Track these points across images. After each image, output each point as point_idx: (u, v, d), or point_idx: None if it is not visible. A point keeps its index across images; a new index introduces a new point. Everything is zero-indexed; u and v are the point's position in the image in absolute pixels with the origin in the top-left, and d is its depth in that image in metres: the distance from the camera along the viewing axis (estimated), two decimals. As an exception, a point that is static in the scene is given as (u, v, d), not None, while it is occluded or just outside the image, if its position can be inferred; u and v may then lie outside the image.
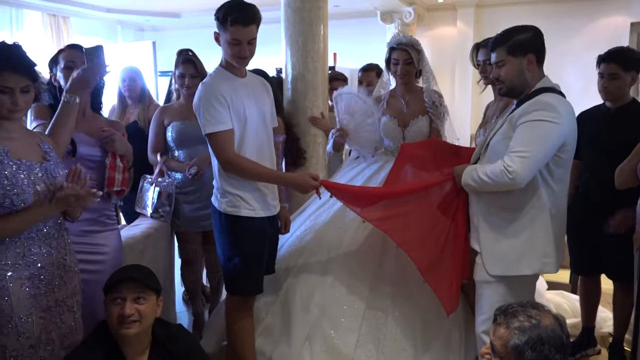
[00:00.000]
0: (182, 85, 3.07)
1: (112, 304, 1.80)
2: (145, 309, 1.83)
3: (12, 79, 1.73)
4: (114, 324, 1.79)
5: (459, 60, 7.38)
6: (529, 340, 1.51)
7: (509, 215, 2.07)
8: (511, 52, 2.06)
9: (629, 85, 2.64)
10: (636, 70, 2.63)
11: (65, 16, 7.63)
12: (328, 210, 2.86)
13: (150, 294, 1.86)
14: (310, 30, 3.69)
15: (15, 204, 1.72)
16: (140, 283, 1.85)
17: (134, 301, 1.81)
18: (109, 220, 2.36)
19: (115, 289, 1.82)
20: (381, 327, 2.50)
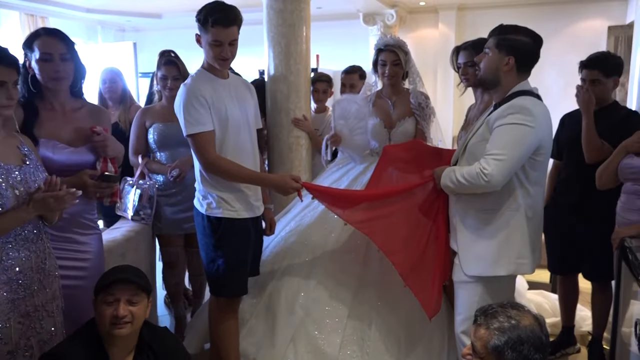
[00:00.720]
0: (164, 87, 3.04)
1: (105, 305, 1.77)
2: (138, 311, 1.81)
3: (5, 73, 1.71)
4: (106, 324, 1.76)
5: (441, 62, 7.44)
6: (509, 340, 1.53)
7: (485, 216, 2.09)
8: (497, 46, 2.08)
9: (611, 90, 2.70)
10: (617, 74, 2.68)
11: (43, 16, 7.52)
12: (313, 212, 2.86)
13: (143, 296, 1.85)
14: (292, 32, 3.69)
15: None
16: (134, 284, 1.82)
17: (127, 302, 1.79)
18: (91, 223, 2.28)
19: (108, 290, 1.78)
20: (365, 328, 2.51)
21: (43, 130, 2.07)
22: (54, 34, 2.11)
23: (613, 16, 6.71)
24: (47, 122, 2.10)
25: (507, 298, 2.02)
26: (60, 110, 2.15)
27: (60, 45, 2.08)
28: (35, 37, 2.10)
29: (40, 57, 2.06)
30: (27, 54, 2.11)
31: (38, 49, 2.07)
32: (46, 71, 2.06)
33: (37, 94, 2.12)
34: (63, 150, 2.10)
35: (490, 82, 2.11)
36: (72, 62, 2.12)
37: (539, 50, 2.10)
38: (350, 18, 7.54)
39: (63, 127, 2.14)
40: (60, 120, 2.15)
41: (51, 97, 2.14)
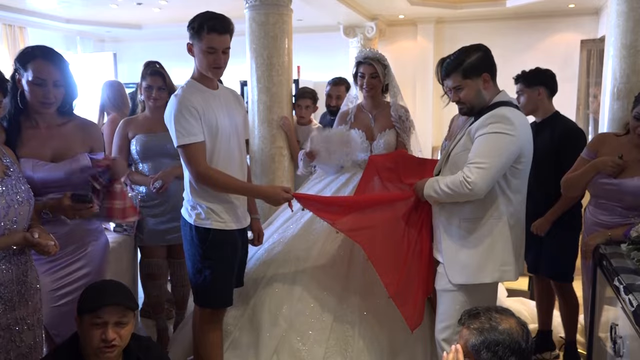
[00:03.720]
0: (149, 98, 3.03)
1: (93, 328, 1.74)
2: (125, 333, 1.79)
3: None
4: (93, 347, 1.74)
5: (420, 74, 7.57)
6: (485, 340, 1.58)
7: (468, 225, 2.13)
8: (466, 76, 2.14)
9: (540, 100, 2.88)
10: (540, 84, 2.88)
11: (22, 26, 7.44)
12: (296, 223, 2.88)
13: (130, 315, 1.83)
14: (274, 44, 3.74)
15: (-26, 221, 1.67)
16: (122, 307, 1.80)
17: (116, 325, 1.77)
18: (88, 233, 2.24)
19: (96, 313, 1.75)
20: (349, 340, 2.52)
21: (24, 149, 2.03)
22: (50, 59, 2.04)
23: (585, 30, 6.91)
24: (29, 141, 2.07)
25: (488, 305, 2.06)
26: (43, 127, 2.12)
27: (54, 72, 2.03)
28: (30, 58, 2.03)
29: (33, 81, 2.02)
30: (19, 70, 2.06)
31: (32, 72, 2.01)
32: (36, 95, 2.03)
33: (23, 110, 2.08)
34: (43, 167, 2.06)
35: (478, 106, 2.16)
36: (64, 87, 2.09)
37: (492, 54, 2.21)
38: (330, 30, 7.63)
39: (45, 144, 2.10)
40: (42, 137, 2.11)
41: (36, 115, 2.11)
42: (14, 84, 2.05)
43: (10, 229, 1.76)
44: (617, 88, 3.06)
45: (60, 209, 2.00)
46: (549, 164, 2.72)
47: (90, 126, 2.31)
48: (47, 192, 2.04)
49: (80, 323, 1.79)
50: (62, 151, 2.13)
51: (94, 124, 2.40)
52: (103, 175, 2.20)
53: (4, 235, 1.74)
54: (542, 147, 2.71)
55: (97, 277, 2.23)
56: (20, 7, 6.88)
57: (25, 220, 1.82)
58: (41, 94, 2.03)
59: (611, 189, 2.38)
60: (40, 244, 1.76)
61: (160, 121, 3.01)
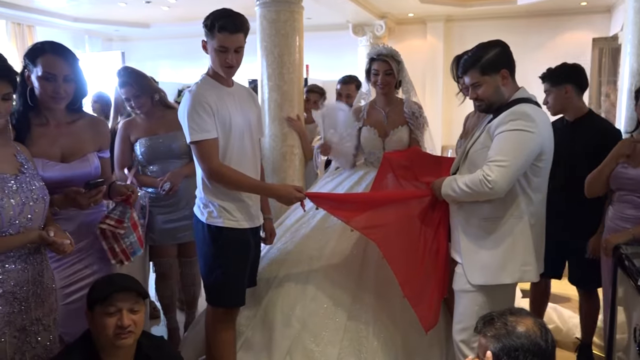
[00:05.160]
0: (132, 108, 3.01)
1: (107, 316, 1.73)
2: (139, 319, 1.78)
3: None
4: (109, 335, 1.72)
5: (429, 73, 7.53)
6: (504, 347, 1.53)
7: (488, 225, 2.09)
8: (484, 72, 2.09)
9: (567, 98, 2.75)
10: (567, 82, 2.75)
11: (30, 25, 7.46)
12: (308, 222, 2.84)
13: (142, 303, 1.82)
14: (285, 41, 3.70)
15: (-11, 219, 1.65)
16: (134, 292, 1.79)
17: (129, 311, 1.76)
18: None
19: (109, 301, 1.74)
20: (363, 340, 2.48)
21: (33, 148, 1.99)
22: (59, 54, 2.01)
23: (597, 28, 6.85)
24: (38, 139, 2.03)
25: (507, 306, 2.01)
26: (53, 125, 2.08)
27: (64, 66, 1.99)
28: (40, 53, 1.99)
29: (42, 76, 1.97)
30: (28, 66, 2.01)
31: (41, 67, 1.97)
32: (46, 90, 1.99)
33: (33, 107, 2.04)
34: (53, 167, 2.03)
35: (497, 103, 2.11)
36: (74, 82, 2.05)
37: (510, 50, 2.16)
38: (339, 29, 7.60)
39: (55, 142, 2.06)
40: (52, 134, 2.07)
41: (46, 112, 2.06)
42: (23, 80, 2.00)
43: (25, 227, 1.74)
44: (635, 86, 3.01)
45: (71, 201, 1.99)
46: (586, 166, 2.59)
47: (99, 123, 2.28)
48: (55, 192, 2.00)
49: (92, 316, 1.77)
50: (72, 150, 2.09)
51: (102, 120, 2.36)
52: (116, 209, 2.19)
53: (19, 234, 1.72)
54: (578, 149, 2.66)
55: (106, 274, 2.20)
56: (28, 5, 6.89)
57: (40, 218, 1.80)
58: (51, 89, 1.99)
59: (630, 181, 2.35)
60: (56, 243, 1.74)
61: (160, 123, 2.99)
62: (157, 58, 8.48)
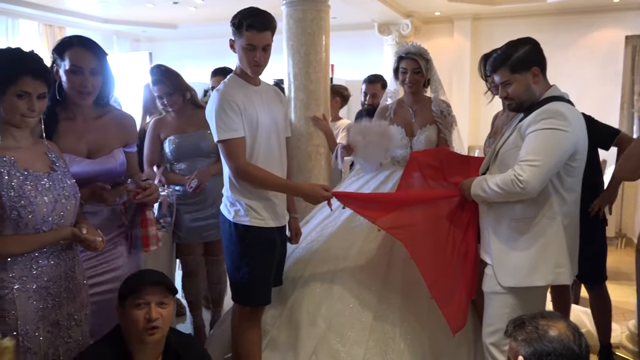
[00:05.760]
0: (164, 106, 3.04)
1: (136, 309, 1.75)
2: (167, 314, 1.80)
3: (30, 84, 1.70)
4: (139, 329, 1.74)
5: (456, 72, 7.43)
6: (535, 351, 1.49)
7: (520, 225, 2.05)
8: (515, 70, 2.06)
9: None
10: None
11: (61, 26, 7.61)
12: (335, 222, 2.83)
13: (171, 298, 1.84)
14: (312, 40, 3.69)
15: (22, 216, 1.68)
16: (162, 286, 1.81)
17: (158, 305, 1.78)
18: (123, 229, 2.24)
19: (138, 294, 1.77)
20: (389, 341, 2.46)
21: (61, 143, 2.01)
22: (86, 47, 2.02)
23: (630, 26, 6.66)
24: (66, 134, 2.05)
25: (538, 309, 1.97)
26: (80, 120, 2.09)
27: (91, 59, 2.01)
28: (67, 47, 2.01)
29: (70, 69, 1.99)
30: (56, 61, 2.04)
31: (69, 60, 1.99)
32: (74, 83, 2.00)
33: (60, 102, 2.06)
34: (80, 163, 2.04)
35: (528, 102, 2.08)
36: (102, 75, 2.06)
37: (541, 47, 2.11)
38: (365, 28, 7.55)
39: (82, 137, 2.08)
40: (79, 130, 2.08)
41: (74, 107, 2.08)
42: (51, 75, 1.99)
43: (57, 224, 1.77)
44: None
45: (97, 196, 2.02)
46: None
47: (126, 118, 2.28)
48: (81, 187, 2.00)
49: (122, 311, 1.79)
50: (98, 145, 2.10)
51: (129, 116, 2.37)
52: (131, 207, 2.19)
53: (52, 230, 1.75)
54: None
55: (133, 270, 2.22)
56: (59, 7, 7.03)
57: (72, 215, 1.83)
58: (78, 82, 2.00)
59: None
60: (88, 240, 1.76)
61: (190, 121, 3.02)
62: (183, 58, 8.55)
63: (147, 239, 2.18)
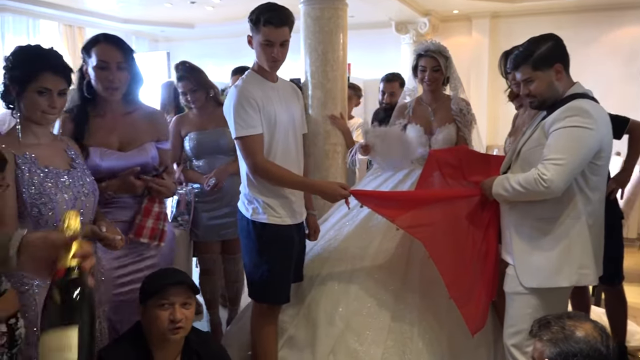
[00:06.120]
0: (187, 102, 3.06)
1: (160, 309, 1.76)
2: (190, 314, 1.82)
3: (51, 81, 1.71)
4: (163, 328, 1.76)
5: (474, 71, 7.35)
6: (561, 352, 1.46)
7: (543, 225, 2.01)
8: (537, 67, 2.02)
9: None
10: None
11: (80, 26, 7.70)
12: (352, 220, 2.81)
13: (193, 298, 1.85)
14: (329, 38, 3.68)
15: (43, 213, 1.69)
16: (185, 285, 1.82)
17: (182, 306, 1.79)
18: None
19: (163, 295, 1.77)
20: (407, 341, 2.43)
21: (92, 138, 2.05)
22: (112, 42, 2.07)
23: (654, 23, 6.54)
24: (96, 131, 2.09)
25: (561, 310, 1.94)
26: (110, 116, 2.13)
27: (117, 54, 2.05)
28: (94, 44, 2.06)
29: (97, 65, 2.03)
30: (85, 59, 2.08)
31: (95, 56, 2.03)
32: (101, 79, 2.04)
33: (90, 100, 2.10)
34: (111, 156, 2.08)
35: (551, 99, 2.04)
36: (128, 71, 2.09)
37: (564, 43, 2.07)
38: (382, 27, 7.51)
39: (112, 133, 2.11)
40: (109, 126, 2.12)
41: (103, 103, 2.12)
42: (81, 74, 2.08)
43: None
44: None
45: (127, 186, 2.04)
46: None
47: (156, 114, 2.31)
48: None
49: (145, 310, 1.79)
50: (129, 140, 2.13)
51: (159, 112, 2.39)
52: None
53: None
54: None
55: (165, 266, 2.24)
56: (79, 7, 7.11)
57: (91, 212, 1.84)
58: (105, 77, 2.03)
59: None
60: (108, 238, 1.77)
61: (210, 118, 3.03)
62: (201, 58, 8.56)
63: (141, 228, 2.13)
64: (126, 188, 2.06)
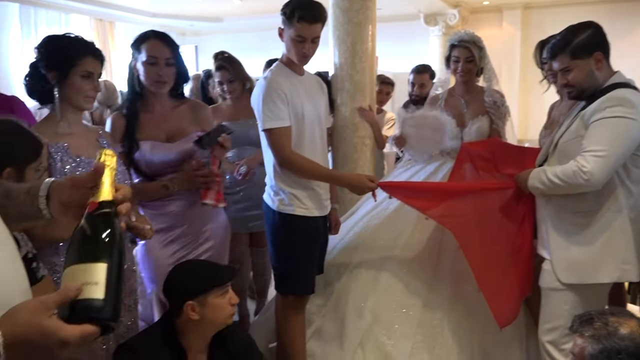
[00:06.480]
0: (223, 92, 3.07)
1: (221, 299, 1.80)
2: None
3: (93, 65, 1.77)
4: (225, 315, 1.81)
5: (505, 63, 7.21)
6: (604, 349, 1.41)
7: (582, 219, 1.95)
8: (575, 56, 1.95)
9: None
10: None
11: (111, 21, 7.81)
12: (381, 213, 2.78)
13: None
14: (358, 30, 3.63)
15: (75, 203, 1.71)
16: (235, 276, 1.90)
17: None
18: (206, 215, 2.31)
19: (224, 283, 1.82)
20: (437, 336, 2.40)
21: (143, 133, 2.12)
22: (161, 38, 2.13)
23: (693, 12, 6.31)
24: (146, 125, 2.15)
25: (600, 307, 1.88)
26: (158, 111, 2.19)
27: (166, 50, 2.11)
28: (143, 40, 2.12)
29: (147, 60, 2.09)
30: (134, 55, 2.14)
31: (145, 52, 2.09)
32: (150, 74, 2.10)
33: (140, 96, 2.17)
34: (161, 147, 2.13)
35: (590, 89, 1.97)
36: (176, 67, 2.15)
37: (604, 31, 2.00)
38: (410, 19, 7.45)
39: (160, 127, 2.18)
40: (157, 120, 2.18)
41: (152, 98, 2.18)
42: (130, 70, 2.15)
43: None
44: None
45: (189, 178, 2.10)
46: None
47: (201, 107, 2.38)
48: (166, 173, 2.13)
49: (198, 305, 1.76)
50: (175, 133, 2.19)
51: (204, 105, 2.46)
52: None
53: None
54: None
55: (219, 256, 2.32)
56: (110, 2, 7.22)
57: None
58: (154, 72, 2.09)
59: None
60: (138, 227, 1.78)
61: (242, 109, 3.03)
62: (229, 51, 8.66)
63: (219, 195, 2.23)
64: (189, 183, 2.12)
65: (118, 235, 0.86)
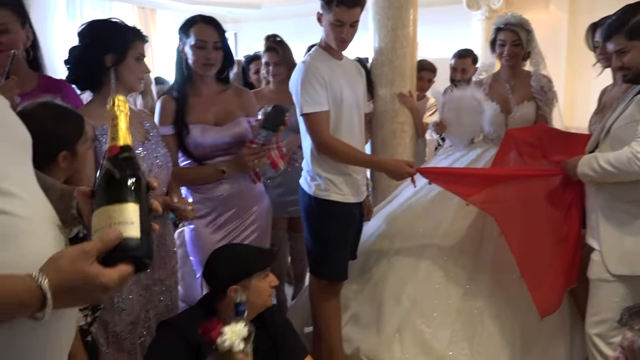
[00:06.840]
0: (267, 73, 3.07)
1: (263, 282, 1.84)
2: None
3: (142, 48, 1.83)
4: (266, 297, 1.85)
5: (551, 49, 6.92)
6: None
7: (636, 209, 1.88)
8: (632, 37, 1.87)
9: None
10: None
11: (153, 8, 7.93)
12: (420, 200, 2.74)
13: None
14: (399, 14, 3.55)
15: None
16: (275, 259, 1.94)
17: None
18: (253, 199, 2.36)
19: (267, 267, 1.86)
20: (476, 325, 2.36)
21: (191, 116, 2.16)
22: (209, 22, 2.16)
23: None
24: (195, 108, 2.19)
25: (652, 300, 1.80)
26: (206, 95, 2.22)
27: (214, 34, 2.14)
28: (192, 24, 2.16)
29: (195, 44, 2.13)
30: (182, 39, 2.18)
31: (194, 36, 2.13)
32: (199, 58, 2.14)
33: (188, 80, 2.21)
34: (210, 131, 2.17)
35: None
36: (223, 50, 2.18)
37: None
38: (452, 3, 7.26)
39: (208, 110, 2.21)
40: (206, 103, 2.22)
41: (199, 82, 2.21)
42: (178, 54, 2.19)
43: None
44: None
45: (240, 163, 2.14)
46: None
47: (245, 92, 2.43)
48: (216, 156, 2.17)
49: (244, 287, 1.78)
50: (223, 116, 2.23)
51: (247, 90, 2.51)
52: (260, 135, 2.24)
53: None
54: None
55: (262, 238, 2.36)
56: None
57: (163, 183, 1.88)
58: (202, 55, 2.13)
59: None
60: (179, 209, 1.81)
61: (284, 94, 3.02)
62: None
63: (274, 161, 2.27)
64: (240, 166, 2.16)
65: (144, 178, 0.89)
